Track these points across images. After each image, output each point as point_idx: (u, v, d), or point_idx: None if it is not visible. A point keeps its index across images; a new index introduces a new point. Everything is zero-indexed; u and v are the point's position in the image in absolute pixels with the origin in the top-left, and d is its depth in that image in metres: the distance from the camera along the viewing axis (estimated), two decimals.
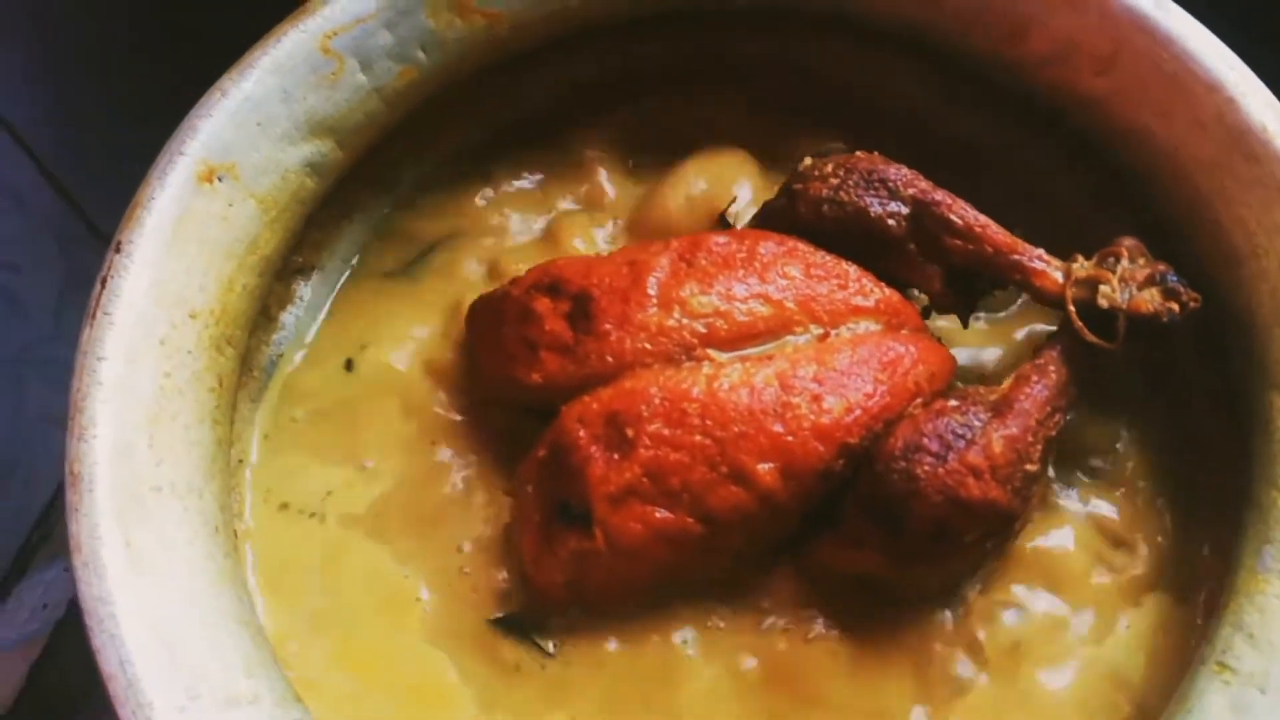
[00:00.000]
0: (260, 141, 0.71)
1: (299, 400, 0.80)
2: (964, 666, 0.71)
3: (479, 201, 0.86)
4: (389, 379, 0.80)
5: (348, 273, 0.84)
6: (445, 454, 0.78)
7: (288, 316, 0.81)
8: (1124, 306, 0.69)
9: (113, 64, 1.15)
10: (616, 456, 0.68)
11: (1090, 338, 0.70)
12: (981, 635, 0.72)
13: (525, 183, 0.87)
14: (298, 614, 0.73)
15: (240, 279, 0.71)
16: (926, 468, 0.66)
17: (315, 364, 0.81)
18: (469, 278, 0.83)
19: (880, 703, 0.70)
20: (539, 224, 0.86)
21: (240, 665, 0.61)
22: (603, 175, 0.87)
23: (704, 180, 0.83)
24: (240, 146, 0.71)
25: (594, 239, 0.84)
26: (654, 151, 0.87)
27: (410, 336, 0.81)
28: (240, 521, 0.75)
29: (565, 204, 0.87)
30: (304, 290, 0.82)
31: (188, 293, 0.68)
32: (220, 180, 0.70)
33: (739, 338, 0.71)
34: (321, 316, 0.83)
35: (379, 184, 0.85)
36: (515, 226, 0.86)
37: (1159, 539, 0.75)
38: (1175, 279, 0.70)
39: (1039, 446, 0.67)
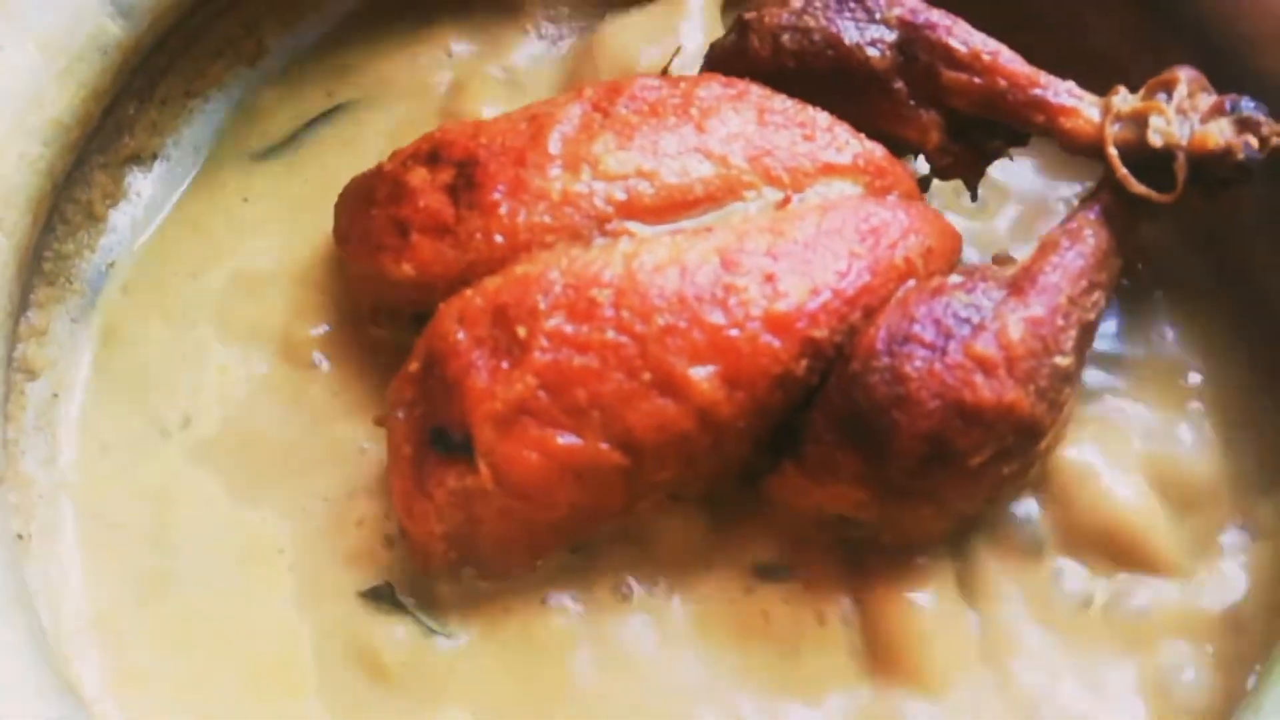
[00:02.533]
0: None
1: (132, 320, 0.65)
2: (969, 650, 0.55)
3: (363, 76, 0.71)
4: (242, 290, 0.66)
5: (200, 161, 0.68)
6: (311, 379, 0.64)
7: (120, 216, 0.67)
8: (1184, 143, 0.52)
9: None
10: (504, 364, 0.52)
11: (1138, 188, 0.53)
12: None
13: (422, 49, 0.71)
14: (126, 582, 0.60)
15: (15, 145, 0.55)
16: (919, 364, 0.49)
17: (154, 274, 0.66)
18: (348, 160, 0.66)
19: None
20: (440, 96, 0.70)
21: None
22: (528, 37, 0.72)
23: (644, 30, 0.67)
24: None
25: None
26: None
27: (273, 236, 0.67)
28: (51, 468, 0.61)
29: (471, 83, 0.71)
30: (141, 183, 0.67)
31: None
32: None
33: (670, 206, 0.55)
34: (163, 215, 0.67)
35: (235, 53, 0.70)
36: (408, 102, 0.70)
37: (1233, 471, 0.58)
38: (1253, 106, 0.52)
39: (1071, 333, 0.51)
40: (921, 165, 0.62)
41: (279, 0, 0.70)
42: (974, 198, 0.62)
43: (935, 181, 0.63)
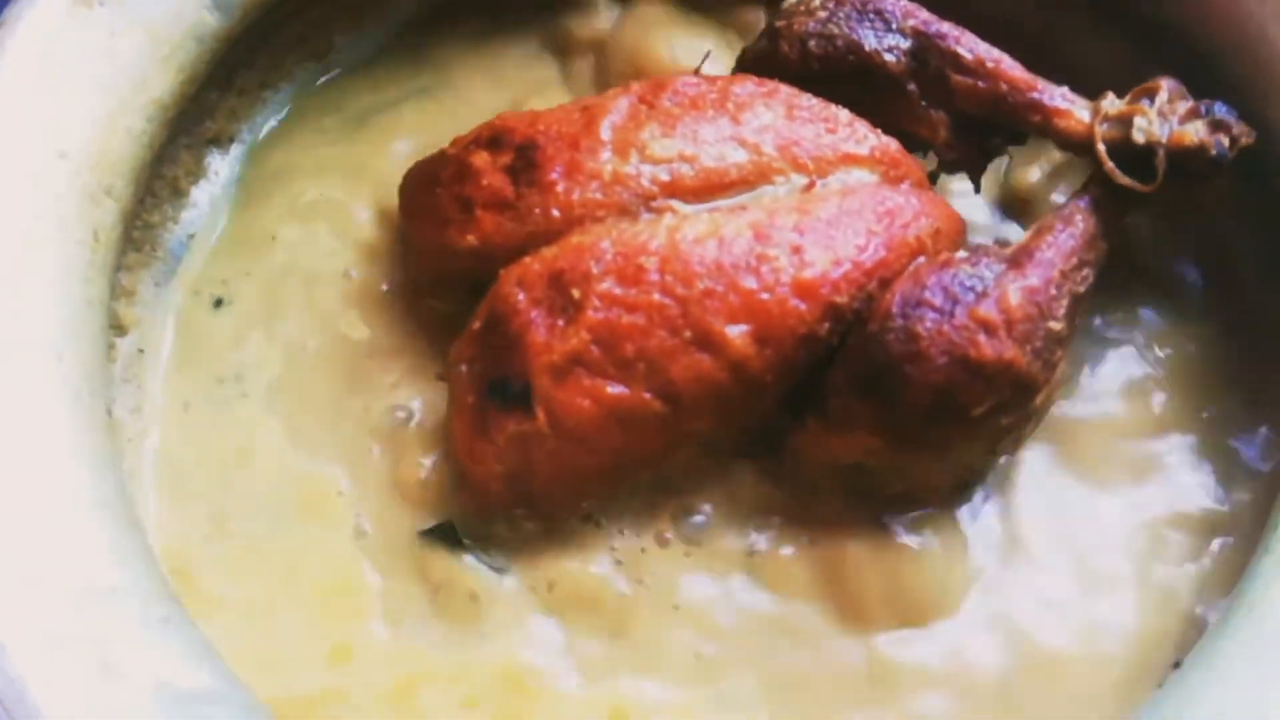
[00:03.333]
0: None
1: (212, 284, 0.70)
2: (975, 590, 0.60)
3: (424, 76, 0.76)
4: (314, 259, 0.70)
5: (271, 145, 0.74)
6: (377, 342, 0.68)
7: (200, 193, 0.72)
8: (1164, 141, 0.59)
9: None
10: (560, 322, 0.58)
11: (1123, 180, 0.59)
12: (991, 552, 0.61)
13: (480, 56, 0.77)
14: (198, 519, 0.64)
15: (123, 120, 0.61)
16: (929, 324, 0.55)
17: (232, 245, 0.71)
18: (408, 145, 0.72)
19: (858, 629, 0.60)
20: (502, 95, 0.75)
21: (97, 552, 0.51)
22: (569, 58, 0.77)
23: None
24: None
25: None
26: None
27: (342, 211, 0.71)
28: (138, 416, 0.66)
29: (531, 75, 0.77)
30: (219, 164, 0.73)
31: (57, 128, 0.58)
32: (101, 5, 0.60)
33: (708, 187, 0.61)
34: (240, 194, 0.73)
35: (307, 49, 0.75)
36: (470, 97, 0.75)
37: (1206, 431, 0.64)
38: (1225, 110, 0.59)
39: (1064, 302, 0.57)
40: (931, 159, 0.68)
41: (349, 7, 0.75)
42: (977, 189, 0.67)
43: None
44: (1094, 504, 0.63)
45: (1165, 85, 0.61)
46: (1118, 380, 0.66)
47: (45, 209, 0.57)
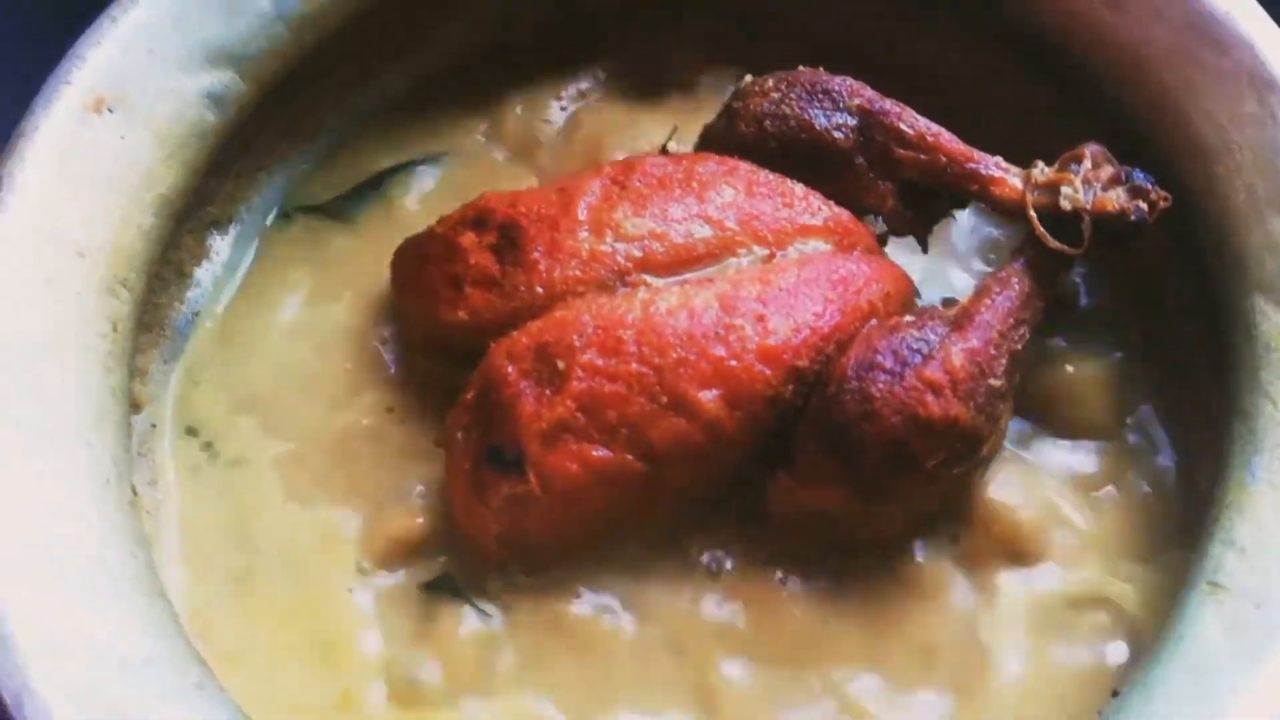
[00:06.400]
0: (153, 70, 0.66)
1: (216, 360, 0.75)
2: (933, 623, 0.66)
3: (404, 149, 0.81)
4: (313, 332, 0.75)
5: (267, 222, 0.79)
6: (374, 407, 0.73)
7: (203, 273, 0.76)
8: (1088, 207, 0.65)
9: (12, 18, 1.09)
10: (548, 392, 0.63)
11: (1054, 244, 0.65)
12: (955, 585, 0.66)
13: (458, 133, 0.82)
14: (216, 581, 0.68)
15: (135, 218, 0.65)
16: (881, 386, 0.60)
17: (232, 321, 0.76)
18: (398, 221, 0.77)
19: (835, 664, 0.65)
20: (475, 171, 0.80)
21: (132, 627, 0.56)
22: (536, 127, 0.82)
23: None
24: (132, 75, 0.66)
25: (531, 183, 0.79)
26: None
27: (335, 286, 0.76)
28: (155, 488, 0.70)
29: (501, 155, 0.82)
30: (220, 245, 0.77)
31: (75, 230, 0.62)
32: (110, 111, 0.65)
33: (677, 262, 0.66)
34: (240, 272, 0.77)
35: (298, 133, 0.80)
36: (445, 178, 0.81)
37: (1142, 467, 0.70)
38: (1143, 177, 0.65)
39: (1003, 360, 0.62)
40: (880, 223, 0.74)
41: (335, 85, 0.79)
42: (924, 249, 0.73)
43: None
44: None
45: (1089, 152, 0.67)
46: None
47: (67, 305, 0.61)
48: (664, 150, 0.76)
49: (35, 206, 0.62)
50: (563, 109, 0.83)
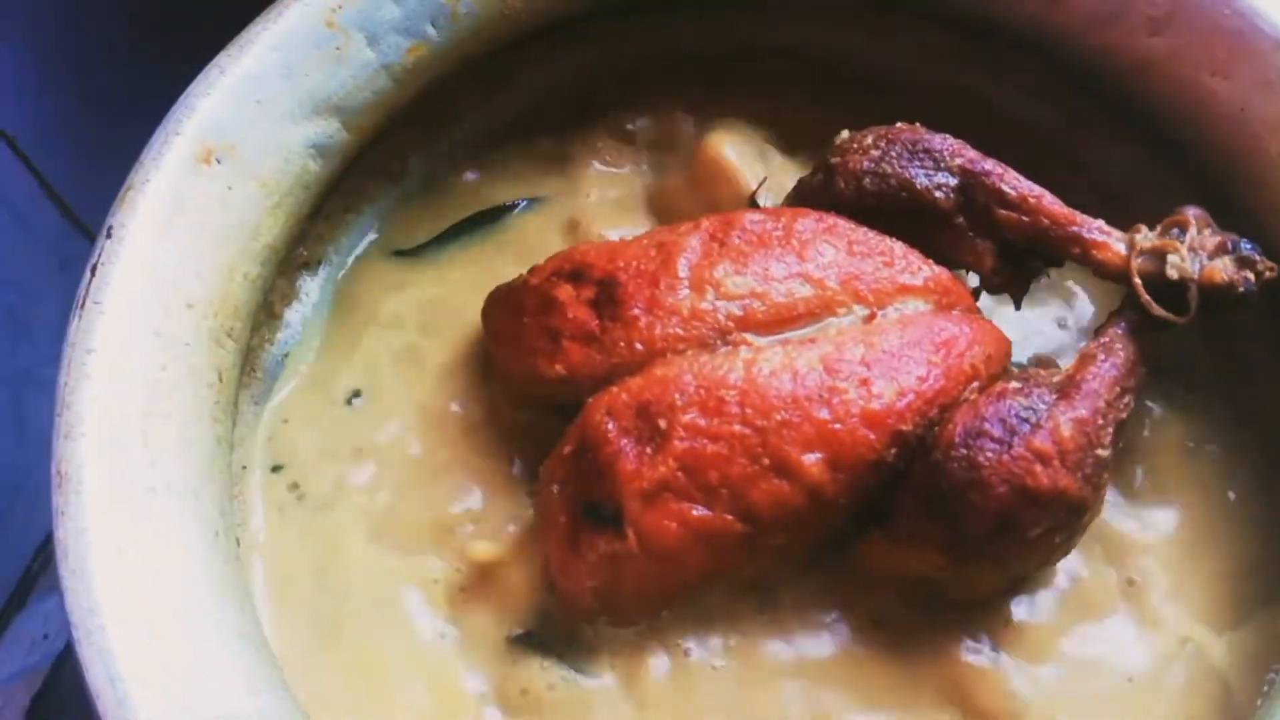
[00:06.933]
0: (261, 121, 0.66)
1: (306, 401, 0.75)
2: (1016, 687, 0.65)
3: (490, 191, 0.82)
4: (402, 376, 0.76)
5: (355, 262, 0.79)
6: (464, 455, 0.73)
7: (292, 314, 0.77)
8: (1195, 277, 0.64)
9: (112, 71, 1.11)
10: (649, 450, 0.63)
11: (1159, 312, 0.65)
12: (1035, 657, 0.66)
13: (544, 178, 0.82)
14: (306, 626, 0.69)
15: (241, 267, 0.66)
16: (990, 454, 0.60)
17: (322, 363, 0.76)
18: (483, 265, 0.78)
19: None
20: (561, 216, 0.81)
21: (241, 682, 0.56)
22: (622, 173, 0.82)
23: (722, 160, 0.78)
24: (240, 126, 0.66)
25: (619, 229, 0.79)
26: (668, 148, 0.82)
27: (423, 329, 0.77)
28: (245, 530, 0.70)
29: (589, 198, 0.82)
30: (310, 286, 0.78)
31: (184, 281, 0.63)
32: (219, 161, 0.65)
33: (778, 320, 0.66)
34: (328, 313, 0.78)
35: (385, 174, 0.81)
36: (531, 219, 0.81)
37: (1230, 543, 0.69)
38: (1250, 247, 0.64)
39: (1109, 430, 0.62)
40: (973, 279, 0.74)
41: (422, 129, 0.80)
42: (1018, 307, 0.73)
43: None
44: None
45: (1193, 217, 0.67)
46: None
47: (176, 357, 0.62)
48: (753, 202, 0.77)
49: (145, 258, 0.62)
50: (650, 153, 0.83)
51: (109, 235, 0.62)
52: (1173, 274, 0.64)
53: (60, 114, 1.11)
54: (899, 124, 0.71)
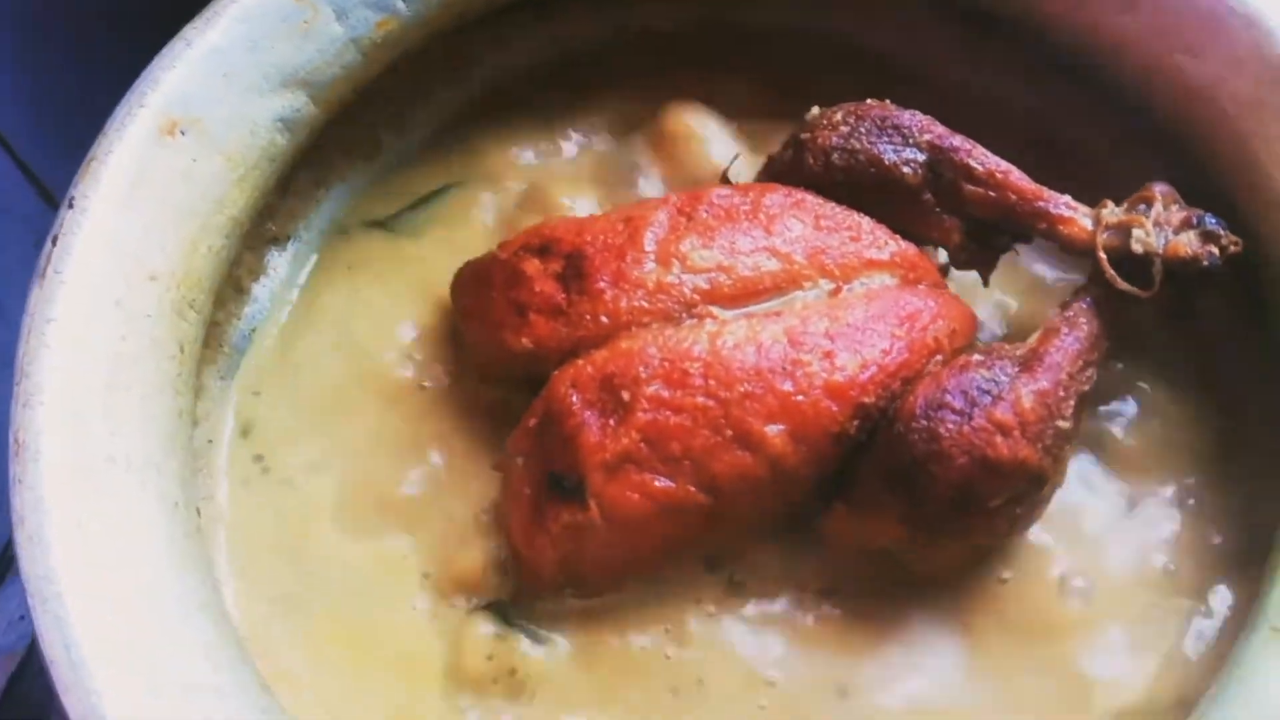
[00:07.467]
0: (227, 94, 0.66)
1: (274, 376, 0.75)
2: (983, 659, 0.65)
3: (461, 166, 0.81)
4: (370, 352, 0.75)
5: (324, 238, 0.79)
6: (431, 429, 0.73)
7: (260, 289, 0.77)
8: (1160, 251, 0.64)
9: (93, 55, 1.11)
10: (612, 422, 0.63)
11: (1124, 286, 0.65)
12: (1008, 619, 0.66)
13: (515, 152, 0.82)
14: (270, 599, 0.68)
15: (205, 240, 0.66)
16: (950, 426, 0.60)
17: (291, 338, 0.76)
18: (455, 241, 0.77)
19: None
20: (532, 191, 0.81)
21: (201, 653, 0.56)
22: (593, 148, 0.82)
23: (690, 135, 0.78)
24: (205, 99, 0.66)
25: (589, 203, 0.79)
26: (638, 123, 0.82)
27: (392, 304, 0.76)
28: (209, 504, 0.70)
29: (561, 173, 0.82)
30: (278, 261, 0.77)
31: (147, 253, 0.63)
32: (183, 134, 0.65)
33: (744, 294, 0.66)
34: (298, 289, 0.78)
35: (357, 151, 0.80)
36: (501, 194, 0.81)
37: (1194, 506, 0.69)
38: (1215, 221, 0.64)
39: (1071, 402, 0.62)
40: (942, 255, 0.74)
41: (394, 106, 0.80)
42: (986, 284, 0.72)
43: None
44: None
45: (1159, 192, 0.67)
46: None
47: (137, 329, 0.62)
48: (724, 178, 0.77)
49: (107, 229, 0.62)
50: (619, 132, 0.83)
51: (71, 206, 0.61)
52: (1137, 248, 0.64)
53: (40, 96, 1.11)
54: (868, 100, 0.71)
